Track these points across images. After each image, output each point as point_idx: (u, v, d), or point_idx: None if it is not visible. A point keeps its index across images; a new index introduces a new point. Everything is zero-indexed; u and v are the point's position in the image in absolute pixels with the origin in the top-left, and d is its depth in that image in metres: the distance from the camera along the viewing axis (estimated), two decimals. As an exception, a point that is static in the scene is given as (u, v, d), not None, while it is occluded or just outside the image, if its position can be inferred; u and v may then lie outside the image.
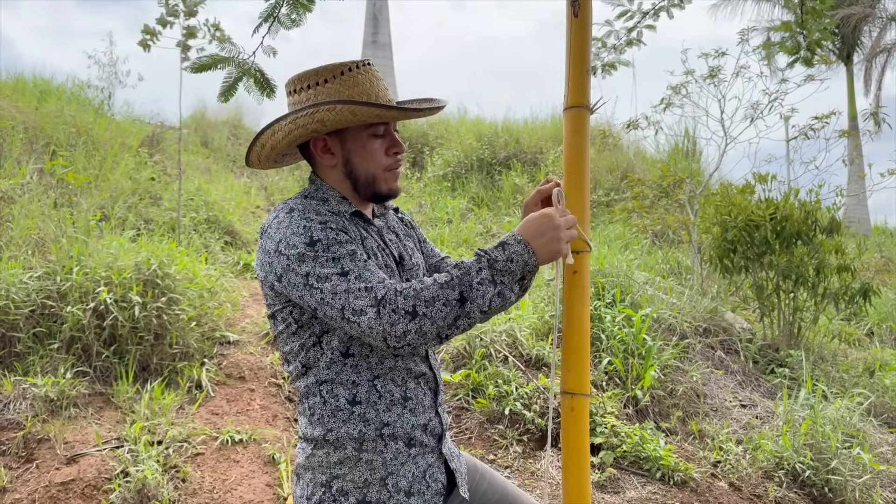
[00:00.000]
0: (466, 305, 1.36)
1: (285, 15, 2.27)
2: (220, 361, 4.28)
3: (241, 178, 9.52)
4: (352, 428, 1.49)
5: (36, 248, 4.63)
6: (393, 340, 1.34)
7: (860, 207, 16.18)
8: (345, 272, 1.38)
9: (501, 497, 1.76)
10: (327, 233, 1.42)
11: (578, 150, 1.66)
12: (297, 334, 1.51)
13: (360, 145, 1.57)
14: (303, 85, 1.56)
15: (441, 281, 1.37)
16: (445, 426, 1.65)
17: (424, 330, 1.34)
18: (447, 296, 1.35)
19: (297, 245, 1.41)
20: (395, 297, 1.34)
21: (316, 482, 1.51)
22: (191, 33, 5.85)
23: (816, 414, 4.03)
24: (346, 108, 1.47)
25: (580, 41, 1.66)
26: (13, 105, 7.32)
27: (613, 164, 10.60)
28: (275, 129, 1.55)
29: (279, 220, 1.48)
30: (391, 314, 1.33)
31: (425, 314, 1.34)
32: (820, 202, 5.96)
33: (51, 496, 3.04)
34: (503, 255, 1.41)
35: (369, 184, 1.59)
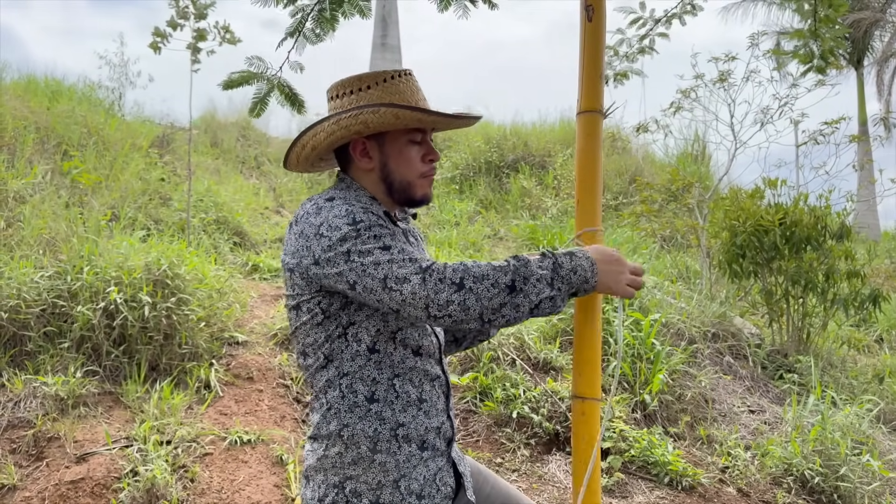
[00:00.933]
0: (517, 296, 1.35)
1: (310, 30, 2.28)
2: (228, 362, 4.29)
3: (250, 180, 9.55)
4: (367, 425, 1.49)
5: (47, 248, 4.65)
6: (435, 309, 1.33)
7: (870, 213, 16.10)
8: (387, 247, 1.39)
9: (505, 500, 1.77)
10: (369, 216, 1.44)
11: (591, 155, 1.66)
12: (322, 325, 1.51)
13: (398, 150, 1.60)
14: (345, 90, 1.59)
15: (495, 264, 1.37)
16: (455, 430, 1.66)
17: (468, 304, 1.33)
18: (497, 278, 1.35)
19: (341, 226, 1.42)
20: (443, 267, 1.35)
21: (328, 483, 1.51)
22: (201, 36, 5.89)
23: (825, 420, 4.02)
24: (389, 111, 1.50)
25: (594, 46, 1.66)
26: (25, 105, 7.37)
27: (622, 167, 10.58)
28: (317, 131, 1.57)
29: (319, 207, 1.49)
30: (437, 282, 1.33)
31: (471, 289, 1.33)
32: (830, 207, 5.94)
33: (60, 494, 3.05)
34: (569, 263, 1.41)
35: (404, 189, 1.61)
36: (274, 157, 10.73)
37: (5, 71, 8.73)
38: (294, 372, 4.33)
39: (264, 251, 6.86)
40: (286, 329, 4.70)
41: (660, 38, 4.06)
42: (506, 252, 7.63)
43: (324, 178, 10.30)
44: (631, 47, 4.07)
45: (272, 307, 5.26)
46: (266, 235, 7.34)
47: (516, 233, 8.23)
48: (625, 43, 4.13)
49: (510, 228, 8.49)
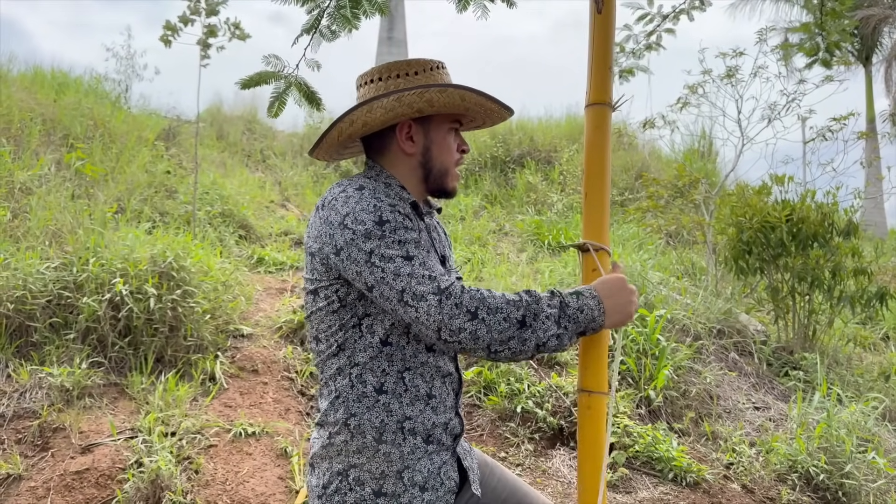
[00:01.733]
0: (525, 331, 1.36)
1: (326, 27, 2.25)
2: (233, 354, 4.29)
3: (255, 173, 9.55)
4: (374, 416, 1.50)
5: (53, 239, 4.66)
6: (446, 333, 1.34)
7: (877, 210, 16.02)
8: (409, 256, 1.39)
9: (511, 493, 1.77)
10: (395, 215, 1.44)
11: (600, 148, 1.65)
12: (337, 313, 1.51)
13: (442, 136, 1.62)
14: (391, 74, 1.59)
15: (509, 297, 1.38)
16: (464, 427, 1.66)
17: (479, 335, 1.34)
18: (510, 312, 1.36)
19: (366, 221, 1.42)
20: (461, 292, 1.36)
21: (332, 471, 1.52)
22: (211, 32, 5.90)
23: (831, 417, 4.00)
24: (456, 91, 1.52)
25: (603, 37, 1.65)
26: (32, 97, 7.38)
27: (628, 163, 10.55)
28: (372, 106, 1.53)
29: (347, 195, 1.48)
30: (453, 307, 1.34)
31: (484, 320, 1.34)
32: (837, 204, 5.91)
33: (65, 485, 3.06)
34: (576, 302, 1.42)
35: (441, 176, 1.63)
36: (280, 151, 10.73)
37: (12, 63, 8.75)
38: (299, 365, 4.34)
39: (269, 244, 6.86)
40: (291, 322, 4.71)
41: (666, 34, 4.04)
42: (510, 247, 7.62)
43: (329, 172, 10.30)
44: (638, 43, 4.04)
45: (277, 300, 5.27)
46: (271, 229, 7.34)
47: (521, 228, 8.22)
48: (631, 39, 4.11)
49: (515, 223, 8.47)
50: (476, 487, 1.64)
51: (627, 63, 4.29)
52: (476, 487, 1.64)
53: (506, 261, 6.77)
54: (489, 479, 1.75)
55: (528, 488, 1.82)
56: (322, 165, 10.52)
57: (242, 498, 3.16)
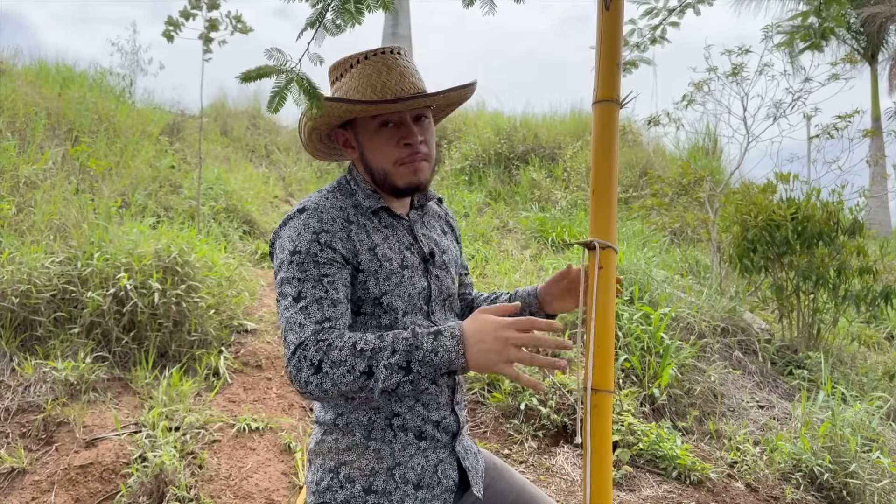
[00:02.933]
0: (368, 381, 1.30)
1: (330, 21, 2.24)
2: (237, 349, 4.30)
3: (259, 168, 9.55)
4: (361, 414, 1.50)
5: (57, 234, 4.67)
6: (297, 384, 1.34)
7: (882, 210, 15.99)
8: (299, 297, 1.39)
9: (518, 496, 1.73)
10: (311, 246, 1.42)
11: (607, 145, 1.64)
12: None
13: (369, 138, 1.55)
14: (330, 78, 1.62)
15: (359, 346, 1.32)
16: (462, 424, 1.63)
17: (325, 387, 1.31)
18: (354, 364, 1.30)
19: (285, 250, 1.45)
20: (312, 344, 1.33)
21: (325, 468, 1.52)
22: (213, 26, 5.89)
23: (835, 416, 3.99)
24: (336, 108, 1.51)
25: (611, 34, 1.64)
26: (36, 91, 7.38)
27: (633, 160, 10.52)
28: (300, 127, 1.60)
29: (288, 216, 1.51)
30: (299, 360, 1.32)
31: (328, 373, 1.31)
32: (842, 203, 5.89)
33: (70, 479, 3.07)
34: (430, 345, 1.32)
35: (385, 179, 1.55)
36: (284, 146, 10.73)
37: (17, 57, 8.76)
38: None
39: (273, 240, 6.86)
40: (295, 318, 4.70)
41: (672, 29, 4.02)
42: (514, 244, 7.60)
43: (333, 168, 10.30)
44: (643, 37, 4.03)
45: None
46: (275, 224, 7.31)
47: (525, 225, 8.20)
48: (636, 33, 4.09)
49: (519, 220, 8.46)
50: (478, 490, 1.61)
51: (631, 56, 4.28)
52: (478, 490, 1.61)
53: (509, 257, 6.76)
54: (496, 482, 1.71)
55: (536, 491, 1.78)
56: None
57: (246, 493, 3.16)
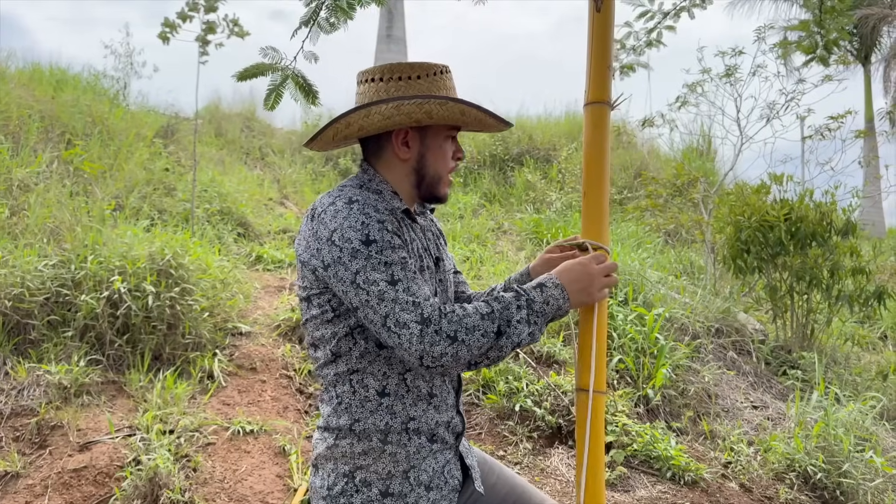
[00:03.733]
0: (501, 339, 1.39)
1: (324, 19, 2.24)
2: (231, 352, 4.29)
3: (254, 171, 9.54)
4: (379, 419, 1.51)
5: (51, 237, 4.66)
6: (428, 360, 1.36)
7: (875, 210, 16.04)
8: (394, 280, 1.39)
9: (510, 490, 1.78)
10: (384, 234, 1.42)
11: (599, 146, 1.65)
12: (331, 322, 1.51)
13: (438, 144, 1.62)
14: (393, 75, 1.57)
15: (483, 311, 1.40)
16: (465, 425, 1.68)
17: (460, 355, 1.36)
18: (486, 327, 1.38)
19: (353, 240, 1.41)
20: (439, 318, 1.37)
21: (338, 472, 1.53)
22: (210, 29, 5.89)
23: (829, 416, 4.01)
24: (457, 106, 1.52)
25: (602, 36, 1.65)
26: (30, 94, 7.36)
27: (627, 161, 10.55)
28: (370, 111, 1.53)
29: (336, 209, 1.46)
30: (433, 335, 1.35)
31: (464, 341, 1.36)
32: (836, 203, 5.91)
33: (63, 482, 3.06)
34: (541, 296, 1.45)
35: (433, 183, 1.63)
36: (278, 149, 10.72)
37: (10, 60, 8.74)
38: (297, 363, 4.33)
39: (268, 242, 6.86)
40: (290, 320, 4.70)
41: (667, 32, 4.04)
42: (509, 245, 7.61)
43: (328, 170, 10.29)
44: (638, 40, 4.05)
45: (276, 298, 5.26)
46: (270, 226, 7.33)
47: (520, 226, 8.21)
48: (632, 36, 4.11)
49: (514, 222, 8.47)
50: (479, 485, 1.67)
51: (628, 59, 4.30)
52: (479, 485, 1.67)
53: (504, 259, 6.77)
54: (488, 477, 1.76)
55: (526, 485, 1.82)
56: (321, 163, 10.51)
57: (240, 496, 3.16)
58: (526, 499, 1.78)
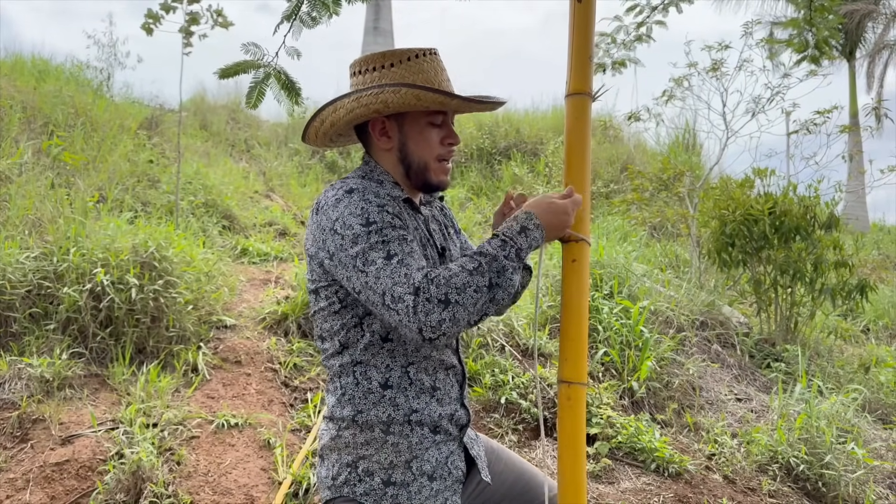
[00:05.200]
0: (495, 291, 1.37)
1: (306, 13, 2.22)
2: (216, 345, 4.27)
3: (239, 163, 9.48)
4: (381, 411, 1.53)
5: (33, 229, 4.61)
6: (428, 332, 1.33)
7: (859, 205, 16.18)
8: (390, 256, 1.38)
9: (518, 476, 1.80)
10: (383, 216, 1.43)
11: (580, 138, 1.65)
12: (339, 313, 1.53)
13: (417, 131, 1.59)
14: (368, 66, 1.58)
15: (469, 267, 1.37)
16: (471, 417, 1.69)
17: (458, 317, 1.33)
18: (477, 282, 1.35)
19: (353, 225, 1.42)
20: (428, 284, 1.34)
21: (341, 463, 1.55)
22: (194, 20, 5.84)
23: (811, 409, 4.04)
24: (410, 91, 1.49)
25: (583, 27, 1.65)
26: (11, 84, 7.27)
27: (614, 155, 10.58)
28: (336, 106, 1.56)
29: (338, 199, 1.48)
30: (426, 303, 1.32)
31: (458, 301, 1.33)
32: (819, 197, 5.95)
33: (45, 476, 3.04)
34: (526, 242, 1.44)
35: (421, 171, 1.61)
36: (264, 141, 10.66)
37: (-8, 50, 8.63)
38: (282, 356, 4.32)
39: (253, 235, 6.82)
40: (275, 313, 4.68)
41: (656, 27, 4.06)
42: (496, 239, 7.61)
43: (314, 163, 10.24)
44: (628, 34, 4.06)
45: (261, 291, 5.24)
46: (255, 219, 7.29)
47: (507, 220, 8.21)
48: (622, 31, 4.12)
49: (501, 215, 8.47)
50: (485, 475, 1.69)
51: (619, 55, 4.31)
52: (485, 475, 1.69)
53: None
54: (495, 465, 1.78)
55: (534, 470, 1.85)
56: (307, 156, 10.46)
57: (225, 489, 3.14)
58: (535, 485, 1.80)
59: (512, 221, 1.47)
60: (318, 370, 4.23)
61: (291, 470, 3.27)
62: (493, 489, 1.75)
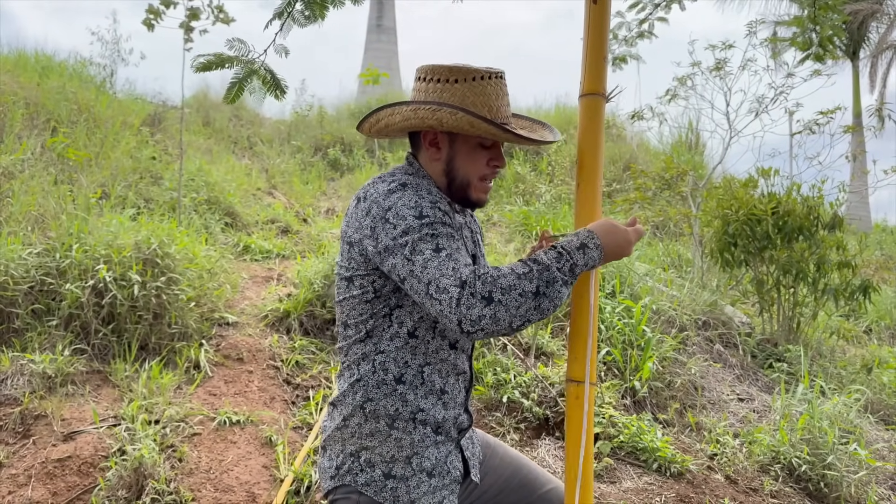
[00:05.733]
0: (541, 300, 1.38)
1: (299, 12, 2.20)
2: (218, 342, 4.27)
3: (242, 160, 9.48)
4: (390, 404, 1.56)
5: (36, 225, 4.61)
6: (467, 325, 1.35)
7: (862, 205, 16.16)
8: (439, 249, 1.41)
9: (515, 471, 1.83)
10: (435, 212, 1.47)
11: (593, 138, 1.65)
12: (371, 302, 1.56)
13: (467, 150, 1.64)
14: (434, 76, 1.62)
15: (519, 271, 1.39)
16: (472, 422, 1.74)
17: (499, 317, 1.35)
18: (524, 287, 1.37)
19: (407, 217, 1.45)
20: (475, 280, 1.36)
21: (345, 452, 1.59)
22: (194, 15, 5.82)
23: (814, 409, 4.03)
24: (466, 117, 1.53)
25: (598, 28, 1.64)
26: (15, 80, 7.27)
27: (617, 154, 10.56)
28: (394, 111, 1.62)
29: (391, 190, 1.52)
30: (469, 297, 1.35)
31: (500, 301, 1.35)
32: (822, 198, 5.94)
33: (47, 472, 3.04)
34: (582, 259, 1.46)
35: (462, 188, 1.65)
36: (267, 138, 10.65)
37: (-6, 46, 8.62)
38: (284, 353, 4.31)
39: (256, 232, 6.82)
40: (277, 311, 4.68)
41: (658, 23, 4.05)
42: (498, 238, 7.61)
43: (317, 160, 10.23)
44: (630, 31, 4.05)
45: (263, 288, 5.24)
46: (258, 216, 7.29)
47: (510, 218, 8.20)
48: (624, 27, 4.11)
49: (504, 214, 8.46)
50: (475, 474, 1.73)
51: (620, 51, 4.30)
52: (475, 474, 1.73)
53: (494, 251, 6.77)
54: (491, 460, 1.82)
55: (531, 465, 1.88)
56: (309, 153, 10.46)
57: (226, 486, 3.14)
58: (532, 479, 1.83)
59: (573, 237, 1.50)
60: (320, 368, 4.23)
61: (293, 467, 3.26)
62: (490, 482, 1.78)
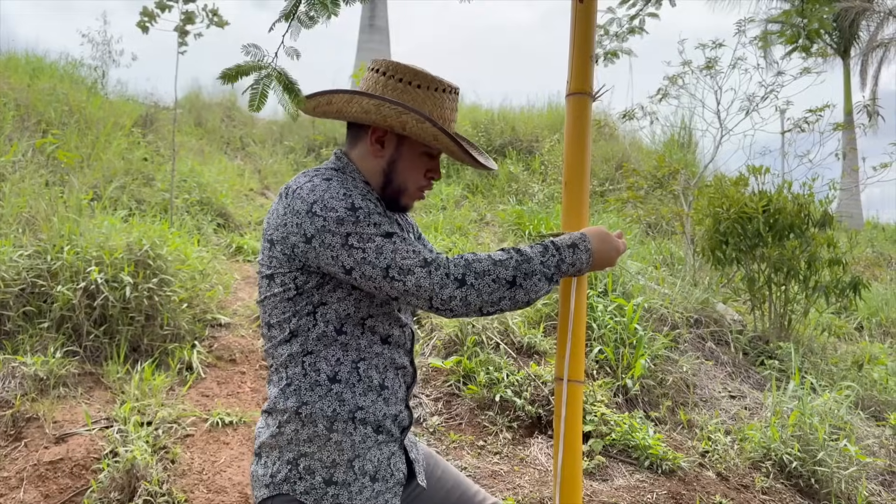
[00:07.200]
0: (516, 290, 1.39)
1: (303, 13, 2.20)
2: (210, 344, 4.27)
3: (234, 161, 9.46)
4: (326, 405, 1.49)
5: (27, 227, 4.59)
6: (438, 302, 1.37)
7: (853, 202, 16.22)
8: (388, 234, 1.41)
9: (455, 484, 1.79)
10: (367, 203, 1.45)
11: (580, 137, 1.65)
12: (293, 300, 1.49)
13: (412, 156, 1.60)
14: (396, 74, 1.58)
15: (496, 258, 1.40)
16: (412, 420, 1.67)
17: (470, 300, 1.37)
18: (498, 273, 1.38)
19: (337, 209, 1.42)
20: (445, 262, 1.37)
21: (282, 460, 1.50)
22: (189, 18, 5.82)
23: (804, 406, 4.06)
24: (432, 129, 1.50)
25: (584, 27, 1.65)
26: (5, 82, 7.25)
27: (609, 154, 10.58)
28: (352, 100, 1.55)
29: (314, 184, 1.47)
30: (443, 277, 1.36)
31: (473, 285, 1.37)
32: (813, 195, 5.97)
33: (39, 475, 3.03)
34: (571, 257, 1.46)
35: (397, 191, 1.61)
36: (259, 139, 10.64)
37: (-16, 47, 8.58)
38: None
39: (248, 233, 6.81)
40: (269, 311, 4.67)
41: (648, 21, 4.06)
42: (491, 237, 7.62)
43: (310, 160, 10.22)
44: (621, 27, 4.07)
45: (256, 289, 5.23)
46: (250, 217, 7.28)
47: (503, 217, 8.22)
48: (615, 22, 4.13)
49: (497, 213, 8.47)
50: (422, 479, 1.67)
51: (611, 46, 4.32)
52: (422, 479, 1.67)
53: (486, 251, 6.78)
54: (434, 471, 1.77)
55: (469, 482, 1.84)
56: (302, 153, 10.45)
57: (219, 487, 3.14)
58: (470, 495, 1.78)
59: (565, 237, 1.50)
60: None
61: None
62: (431, 494, 1.73)
